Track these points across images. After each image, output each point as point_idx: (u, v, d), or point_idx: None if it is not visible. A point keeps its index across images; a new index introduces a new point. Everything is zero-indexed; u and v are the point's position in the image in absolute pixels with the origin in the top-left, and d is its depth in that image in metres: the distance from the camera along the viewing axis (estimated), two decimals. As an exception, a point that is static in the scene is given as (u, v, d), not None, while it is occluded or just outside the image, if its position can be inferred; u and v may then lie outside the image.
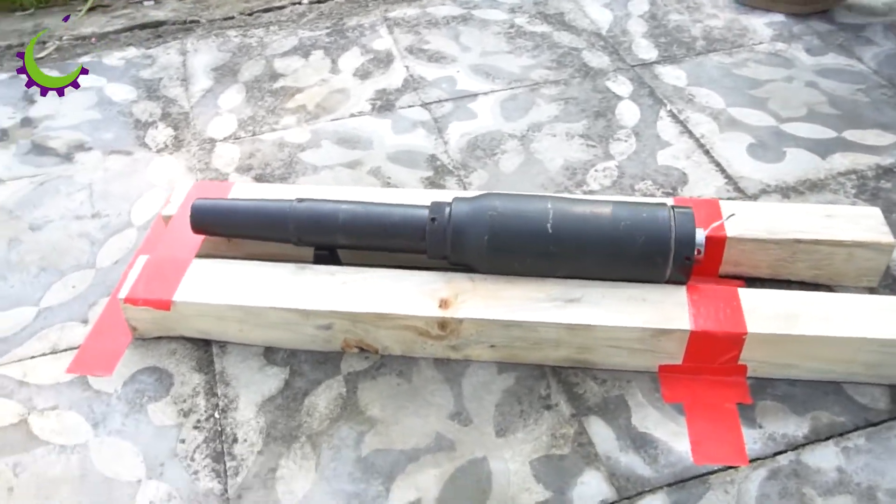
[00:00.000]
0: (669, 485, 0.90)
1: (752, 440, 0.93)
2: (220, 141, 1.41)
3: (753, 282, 1.12)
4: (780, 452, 0.92)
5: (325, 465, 0.93)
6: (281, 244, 1.09)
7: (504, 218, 1.00)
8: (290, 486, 0.91)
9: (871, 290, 1.11)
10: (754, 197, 1.26)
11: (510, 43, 1.63)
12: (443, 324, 1.00)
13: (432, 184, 1.30)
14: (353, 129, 1.42)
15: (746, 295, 1.00)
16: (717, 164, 1.32)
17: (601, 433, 0.95)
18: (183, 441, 0.96)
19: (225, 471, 0.93)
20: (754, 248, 1.09)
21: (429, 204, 1.04)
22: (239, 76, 1.56)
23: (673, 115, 1.42)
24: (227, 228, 1.09)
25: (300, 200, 1.07)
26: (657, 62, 1.57)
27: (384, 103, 1.48)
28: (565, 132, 1.39)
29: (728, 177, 1.29)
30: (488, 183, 1.29)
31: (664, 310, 0.98)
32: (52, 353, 1.07)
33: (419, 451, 0.94)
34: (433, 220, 1.03)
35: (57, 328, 1.10)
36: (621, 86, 1.50)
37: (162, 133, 1.43)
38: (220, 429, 0.97)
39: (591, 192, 1.27)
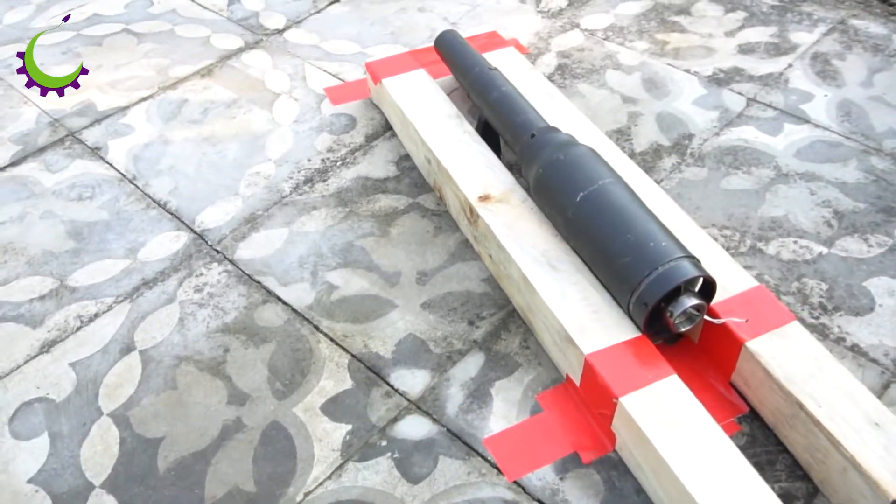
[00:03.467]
0: (450, 431, 0.95)
1: (540, 481, 0.90)
2: (578, 29, 1.57)
3: (755, 418, 0.94)
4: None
5: (331, 226, 1.20)
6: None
7: (560, 166, 1.04)
8: (312, 217, 1.22)
9: (853, 535, 0.84)
10: (885, 375, 0.97)
11: (921, 106, 1.36)
12: (471, 210, 1.12)
13: (655, 151, 1.30)
14: (667, 78, 1.44)
15: (673, 384, 0.89)
16: (919, 331, 1.02)
17: (470, 366, 1.01)
18: (315, 146, 1.33)
19: (310, 181, 1.27)
20: (764, 381, 0.91)
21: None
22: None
23: (962, 267, 1.10)
24: (445, 58, 1.33)
25: (492, 69, 1.24)
26: None
27: (724, 77, 1.43)
28: (826, 199, 1.20)
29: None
30: (681, 182, 1.24)
31: (593, 330, 0.94)
32: (335, 77, 1.49)
33: (376, 267, 1.14)
34: (532, 136, 1.11)
35: (353, 66, 1.51)
36: (961, 209, 1.18)
37: (559, 2, 1.65)
38: (340, 161, 1.30)
39: (739, 254, 1.13)
